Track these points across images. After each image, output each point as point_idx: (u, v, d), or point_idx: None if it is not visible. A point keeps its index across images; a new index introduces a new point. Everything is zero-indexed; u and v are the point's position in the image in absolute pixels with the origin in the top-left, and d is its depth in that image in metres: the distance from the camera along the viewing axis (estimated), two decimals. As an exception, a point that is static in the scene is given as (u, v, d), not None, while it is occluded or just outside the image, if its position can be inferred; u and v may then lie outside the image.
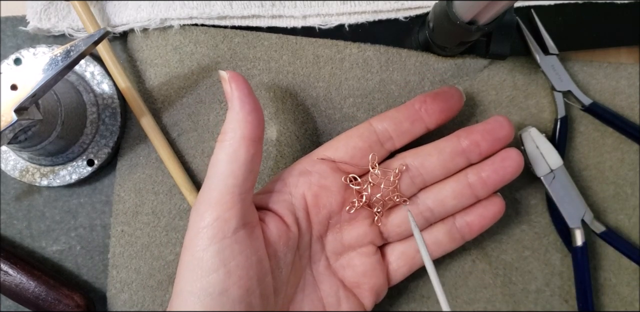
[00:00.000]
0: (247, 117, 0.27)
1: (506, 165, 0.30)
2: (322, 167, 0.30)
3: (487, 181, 0.31)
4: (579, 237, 0.34)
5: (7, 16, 0.36)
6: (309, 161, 0.31)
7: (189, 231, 0.26)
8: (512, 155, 0.31)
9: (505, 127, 0.31)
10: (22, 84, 0.27)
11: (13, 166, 0.34)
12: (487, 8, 0.26)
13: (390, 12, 0.35)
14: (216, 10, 0.34)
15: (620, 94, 0.36)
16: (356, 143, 0.30)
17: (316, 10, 0.35)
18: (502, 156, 0.31)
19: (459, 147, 0.31)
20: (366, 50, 0.35)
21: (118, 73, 0.34)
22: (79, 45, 0.28)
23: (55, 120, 0.31)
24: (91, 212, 0.36)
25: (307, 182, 0.30)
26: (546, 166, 0.34)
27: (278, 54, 0.35)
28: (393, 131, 0.31)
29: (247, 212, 0.27)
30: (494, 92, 0.36)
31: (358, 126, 0.31)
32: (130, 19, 0.34)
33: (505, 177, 0.31)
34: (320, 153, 0.31)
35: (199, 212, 0.26)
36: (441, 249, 0.32)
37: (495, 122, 0.31)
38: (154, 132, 0.34)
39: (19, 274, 0.33)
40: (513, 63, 0.36)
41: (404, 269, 0.32)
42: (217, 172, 0.27)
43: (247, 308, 0.25)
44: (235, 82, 0.28)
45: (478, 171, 0.31)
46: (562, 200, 0.34)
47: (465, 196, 0.31)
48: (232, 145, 0.27)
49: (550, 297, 0.36)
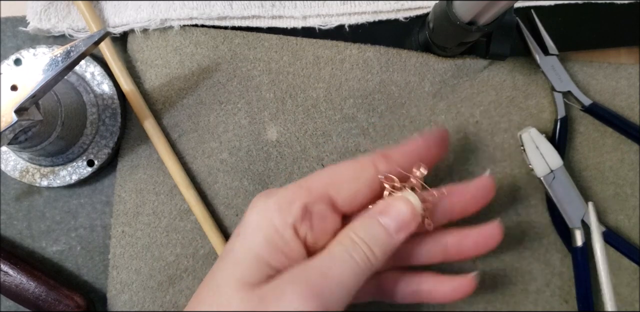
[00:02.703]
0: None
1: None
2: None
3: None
4: (579, 237, 0.34)
5: (7, 17, 0.36)
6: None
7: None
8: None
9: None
10: (22, 85, 0.27)
11: (13, 166, 0.34)
12: (487, 8, 0.26)
13: (390, 12, 0.35)
14: (216, 10, 0.34)
15: (620, 95, 0.36)
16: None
17: (316, 10, 0.35)
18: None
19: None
20: (366, 51, 0.35)
21: (121, 75, 0.34)
22: (79, 45, 0.28)
23: (55, 120, 0.31)
24: (91, 213, 0.36)
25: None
26: (546, 166, 0.34)
27: (278, 55, 0.35)
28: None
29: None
30: (494, 93, 0.36)
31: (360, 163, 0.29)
32: (130, 20, 0.34)
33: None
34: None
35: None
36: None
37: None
38: (156, 134, 0.34)
39: (19, 275, 0.33)
40: (513, 63, 0.36)
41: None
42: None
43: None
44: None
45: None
46: (562, 200, 0.34)
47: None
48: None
49: (550, 298, 0.35)
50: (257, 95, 0.35)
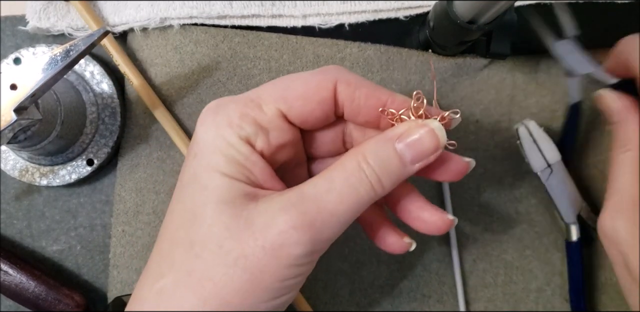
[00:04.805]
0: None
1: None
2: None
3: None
4: (574, 232, 0.34)
5: (7, 15, 0.36)
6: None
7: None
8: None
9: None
10: (21, 84, 0.27)
11: (13, 165, 0.34)
12: (487, 7, 0.26)
13: (391, 11, 0.35)
14: (216, 9, 0.34)
15: (620, 93, 0.36)
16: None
17: (316, 9, 0.35)
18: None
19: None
20: (367, 50, 0.35)
21: (128, 69, 0.34)
22: (79, 44, 0.27)
23: (54, 119, 0.31)
24: (91, 212, 0.36)
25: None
26: (543, 160, 0.33)
27: (278, 54, 0.35)
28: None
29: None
30: (494, 91, 0.36)
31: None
32: (129, 19, 0.34)
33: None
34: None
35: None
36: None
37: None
38: (169, 123, 0.34)
39: (19, 274, 0.33)
40: (513, 62, 0.36)
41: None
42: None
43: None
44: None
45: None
46: (559, 195, 0.34)
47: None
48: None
49: (551, 297, 0.36)
50: (257, 94, 0.35)
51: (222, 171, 0.23)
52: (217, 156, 0.23)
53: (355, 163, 0.23)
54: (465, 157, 0.26)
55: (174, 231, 0.24)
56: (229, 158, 0.23)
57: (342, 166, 0.23)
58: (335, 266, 0.35)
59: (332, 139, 0.27)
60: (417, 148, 0.23)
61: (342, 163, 0.23)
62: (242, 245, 0.22)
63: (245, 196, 0.23)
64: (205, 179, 0.23)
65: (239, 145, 0.23)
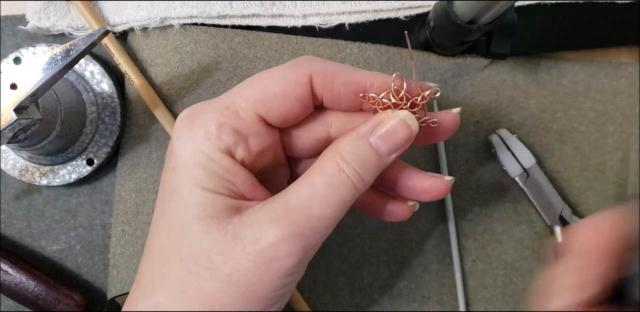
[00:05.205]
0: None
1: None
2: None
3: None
4: (559, 234, 0.35)
5: (7, 15, 0.36)
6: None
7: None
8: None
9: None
10: (21, 83, 0.27)
11: (12, 165, 0.34)
12: (488, 7, 0.26)
13: (391, 11, 0.35)
14: (216, 9, 0.34)
15: (620, 94, 0.36)
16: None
17: (316, 9, 0.35)
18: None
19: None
20: (367, 50, 0.35)
21: (129, 68, 0.34)
22: (79, 44, 0.27)
23: (54, 119, 0.31)
24: (91, 212, 0.36)
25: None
26: (518, 166, 0.34)
27: (278, 54, 0.35)
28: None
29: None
30: (494, 92, 0.36)
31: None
32: (130, 18, 0.34)
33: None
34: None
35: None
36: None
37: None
38: (170, 123, 0.34)
39: (19, 274, 0.33)
40: (514, 63, 0.36)
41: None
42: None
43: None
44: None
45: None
46: (538, 198, 0.35)
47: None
48: None
49: (551, 297, 0.35)
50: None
51: (204, 186, 0.22)
52: (197, 170, 0.23)
53: (334, 164, 0.23)
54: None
55: (161, 245, 0.23)
56: (210, 172, 0.23)
57: (321, 168, 0.23)
58: (335, 267, 0.35)
59: (312, 132, 0.26)
60: (391, 140, 0.23)
61: (321, 166, 0.23)
62: (233, 260, 0.22)
63: (229, 210, 0.22)
64: (187, 194, 0.23)
65: (219, 158, 0.23)
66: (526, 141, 0.35)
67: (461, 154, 0.36)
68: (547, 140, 0.36)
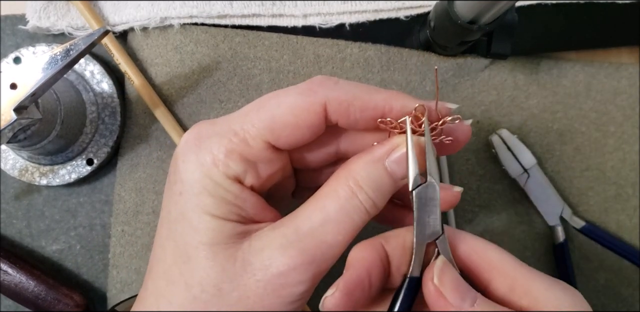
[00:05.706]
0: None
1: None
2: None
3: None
4: (560, 234, 0.35)
5: (7, 15, 0.36)
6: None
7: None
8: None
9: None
10: (21, 83, 0.27)
11: (12, 165, 0.34)
12: (488, 7, 0.26)
13: (391, 11, 0.35)
14: (216, 9, 0.34)
15: (621, 94, 0.36)
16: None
17: (317, 9, 0.35)
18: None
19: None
20: (367, 50, 0.35)
21: (129, 68, 0.34)
22: (79, 44, 0.27)
23: (54, 119, 0.31)
24: (91, 212, 0.35)
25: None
26: (519, 166, 0.34)
27: (279, 54, 0.35)
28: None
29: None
30: (495, 92, 0.36)
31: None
32: (130, 18, 0.34)
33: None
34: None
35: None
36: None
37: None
38: (170, 123, 0.34)
39: (19, 274, 0.33)
40: (514, 63, 0.36)
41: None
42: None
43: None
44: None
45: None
46: (539, 199, 0.35)
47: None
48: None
49: (551, 298, 0.35)
50: (257, 94, 0.35)
51: (212, 213, 0.22)
52: (205, 196, 0.22)
53: (347, 188, 0.22)
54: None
55: (168, 268, 0.23)
56: (218, 199, 0.22)
57: (334, 192, 0.22)
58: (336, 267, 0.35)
59: (321, 147, 0.26)
60: (406, 164, 0.23)
61: (335, 190, 0.22)
62: (242, 287, 0.21)
63: (237, 235, 0.22)
64: (195, 220, 0.22)
65: (227, 185, 0.22)
66: (527, 141, 0.35)
67: (461, 155, 0.36)
68: (547, 140, 0.36)
